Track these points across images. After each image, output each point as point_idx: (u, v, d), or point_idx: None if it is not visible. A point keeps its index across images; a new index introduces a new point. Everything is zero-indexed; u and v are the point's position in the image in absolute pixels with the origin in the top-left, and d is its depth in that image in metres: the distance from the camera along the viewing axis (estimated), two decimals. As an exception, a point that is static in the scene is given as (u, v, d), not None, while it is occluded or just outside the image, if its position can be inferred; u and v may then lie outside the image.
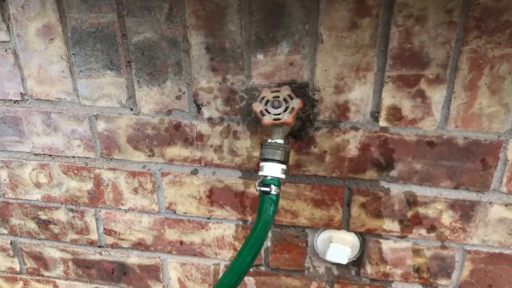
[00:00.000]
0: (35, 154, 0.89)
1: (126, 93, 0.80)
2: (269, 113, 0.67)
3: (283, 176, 0.68)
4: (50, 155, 0.89)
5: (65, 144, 0.87)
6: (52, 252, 1.01)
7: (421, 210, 0.78)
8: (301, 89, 0.72)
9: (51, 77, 0.81)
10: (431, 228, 0.79)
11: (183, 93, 0.77)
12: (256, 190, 0.69)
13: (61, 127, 0.85)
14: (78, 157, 0.88)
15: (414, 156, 0.74)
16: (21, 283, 1.08)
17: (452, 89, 0.69)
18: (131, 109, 0.81)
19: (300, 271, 0.90)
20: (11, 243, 1.02)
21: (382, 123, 0.73)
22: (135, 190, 0.88)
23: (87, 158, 0.88)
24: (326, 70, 0.71)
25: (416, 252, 0.82)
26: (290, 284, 0.91)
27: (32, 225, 0.98)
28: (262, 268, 0.92)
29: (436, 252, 0.81)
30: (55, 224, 0.97)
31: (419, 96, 0.70)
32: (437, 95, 0.69)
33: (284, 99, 0.67)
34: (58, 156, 0.88)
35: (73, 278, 1.04)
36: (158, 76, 0.77)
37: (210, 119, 0.79)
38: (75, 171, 0.89)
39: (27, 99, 0.84)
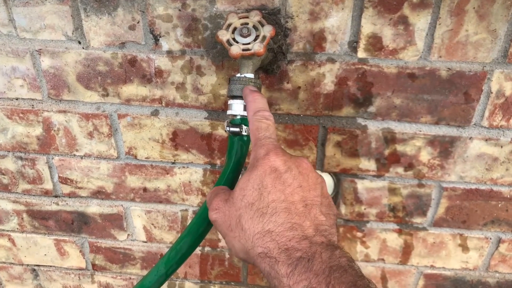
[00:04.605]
0: (-28, 97, 0.79)
1: (71, 23, 0.69)
2: (237, 42, 0.58)
3: (254, 115, 0.61)
4: (-11, 97, 0.78)
5: (6, 84, 0.76)
6: (3, 204, 0.93)
7: (399, 148, 0.74)
8: (272, 16, 0.64)
9: (-20, 5, 0.69)
10: (409, 166, 0.76)
11: (137, 22, 0.67)
12: (225, 131, 0.62)
13: (-2, 64, 0.74)
14: (22, 99, 0.78)
15: (394, 90, 0.69)
16: (-28, 238, 1.00)
17: (438, 14, 0.62)
18: (79, 42, 0.71)
19: (272, 214, 0.86)
20: (-44, 196, 0.93)
21: (361, 54, 0.67)
22: (90, 134, 0.80)
23: (32, 99, 0.78)
24: (300, -6, 0.63)
25: (392, 191, 0.79)
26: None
27: (-23, 176, 0.89)
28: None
29: (412, 190, 0.78)
30: (3, 174, 0.88)
31: (402, 22, 0.63)
32: (421, 22, 0.63)
33: (254, 26, 0.59)
34: (-1, 98, 0.78)
35: (29, 231, 0.96)
36: (107, 3, 0.66)
37: (169, 52, 0.70)
38: (21, 115, 0.79)
39: (-45, 32, 0.72)
